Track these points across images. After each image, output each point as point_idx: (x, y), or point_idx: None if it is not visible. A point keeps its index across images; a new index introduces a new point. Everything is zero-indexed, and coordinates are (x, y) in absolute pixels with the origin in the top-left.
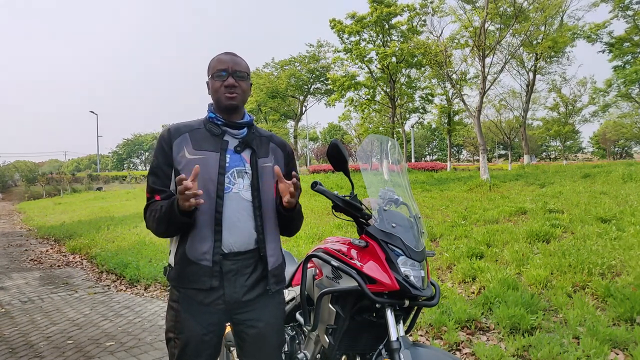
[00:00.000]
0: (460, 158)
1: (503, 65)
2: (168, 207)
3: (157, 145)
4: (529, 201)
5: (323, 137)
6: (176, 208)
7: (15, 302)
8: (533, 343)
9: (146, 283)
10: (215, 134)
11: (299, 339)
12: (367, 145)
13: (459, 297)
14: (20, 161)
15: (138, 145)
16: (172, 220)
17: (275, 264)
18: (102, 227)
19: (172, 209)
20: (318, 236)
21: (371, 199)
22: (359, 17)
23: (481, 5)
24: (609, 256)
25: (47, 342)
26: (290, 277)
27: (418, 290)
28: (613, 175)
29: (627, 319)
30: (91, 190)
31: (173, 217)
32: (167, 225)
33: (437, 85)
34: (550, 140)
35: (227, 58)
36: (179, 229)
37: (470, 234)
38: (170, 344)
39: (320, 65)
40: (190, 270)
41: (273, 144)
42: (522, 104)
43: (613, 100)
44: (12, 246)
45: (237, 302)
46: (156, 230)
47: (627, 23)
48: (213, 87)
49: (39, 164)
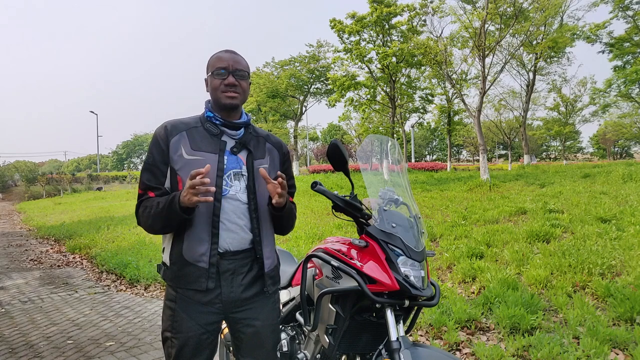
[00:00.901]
0: (460, 158)
1: (503, 66)
2: (167, 204)
3: (153, 142)
4: (529, 201)
5: (323, 137)
6: (177, 204)
7: (15, 302)
8: (533, 343)
9: (146, 283)
10: (213, 133)
11: (299, 339)
12: (367, 145)
13: (459, 297)
14: (20, 161)
15: (138, 145)
16: (171, 217)
17: (271, 266)
18: (102, 227)
19: (172, 205)
20: (318, 236)
21: (371, 199)
22: (359, 17)
23: (481, 6)
24: (609, 256)
25: (47, 342)
26: (290, 277)
27: (418, 290)
28: (613, 175)
29: (627, 319)
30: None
31: (172, 213)
32: (164, 222)
33: (437, 85)
34: (550, 140)
35: (227, 56)
36: (175, 227)
37: (470, 234)
38: (167, 343)
39: (320, 65)
40: (187, 271)
41: (269, 144)
42: (522, 104)
43: (613, 100)
44: (12, 246)
45: (234, 301)
46: (151, 227)
47: (627, 23)
48: (212, 85)
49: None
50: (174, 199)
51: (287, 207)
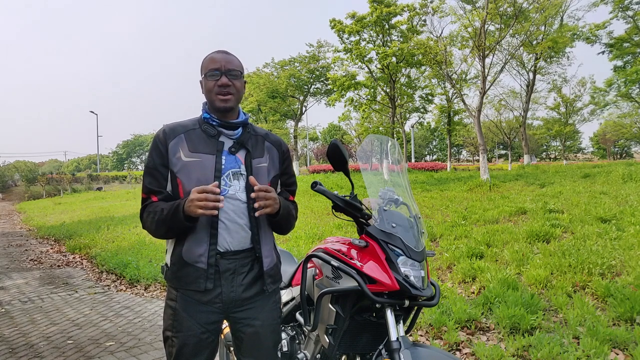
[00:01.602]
0: (460, 158)
1: (503, 66)
2: (171, 211)
3: (152, 146)
4: (529, 201)
5: (323, 137)
6: (181, 213)
7: (15, 302)
8: (533, 343)
9: (146, 283)
10: (210, 134)
11: (299, 339)
12: (367, 145)
13: (459, 297)
14: (20, 161)
15: (138, 145)
16: (174, 224)
17: (270, 265)
18: (102, 227)
19: (176, 213)
20: (318, 236)
21: (371, 199)
22: (359, 17)
23: (481, 5)
24: (609, 256)
25: (47, 342)
26: (290, 277)
27: (418, 290)
28: (613, 175)
29: (627, 319)
30: (91, 190)
31: (176, 221)
32: (168, 228)
33: (437, 85)
34: (550, 140)
35: (219, 57)
36: (179, 232)
37: (470, 234)
38: (168, 342)
39: (320, 65)
40: (186, 271)
41: (268, 142)
42: (522, 104)
43: (613, 100)
44: (12, 246)
45: (234, 301)
46: (155, 232)
47: (627, 23)
48: (206, 86)
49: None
50: (178, 207)
51: (281, 213)
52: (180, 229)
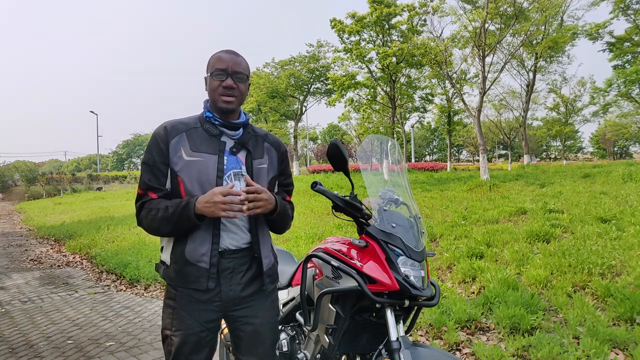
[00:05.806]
0: (460, 158)
1: (503, 65)
2: (179, 210)
3: (152, 142)
4: (529, 201)
5: (323, 137)
6: (192, 211)
7: (15, 302)
8: (533, 343)
9: (146, 283)
10: (212, 134)
11: (299, 339)
12: (367, 145)
13: (459, 297)
14: (20, 161)
15: (138, 145)
16: (181, 222)
17: (269, 265)
18: (102, 227)
19: (184, 211)
20: (318, 236)
21: (371, 199)
22: (359, 17)
23: (481, 5)
24: (609, 256)
25: (47, 342)
26: (290, 277)
27: (418, 290)
28: (613, 175)
29: (627, 319)
30: (91, 190)
31: (184, 220)
32: (173, 227)
33: (437, 85)
34: (550, 140)
35: (227, 57)
36: (183, 231)
37: (470, 234)
38: (167, 341)
39: (320, 65)
40: (188, 271)
41: (267, 143)
42: (522, 103)
43: (613, 100)
44: (12, 246)
45: (233, 299)
46: (156, 230)
47: (627, 23)
48: (211, 85)
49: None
50: (187, 205)
51: (277, 212)
52: (186, 228)
